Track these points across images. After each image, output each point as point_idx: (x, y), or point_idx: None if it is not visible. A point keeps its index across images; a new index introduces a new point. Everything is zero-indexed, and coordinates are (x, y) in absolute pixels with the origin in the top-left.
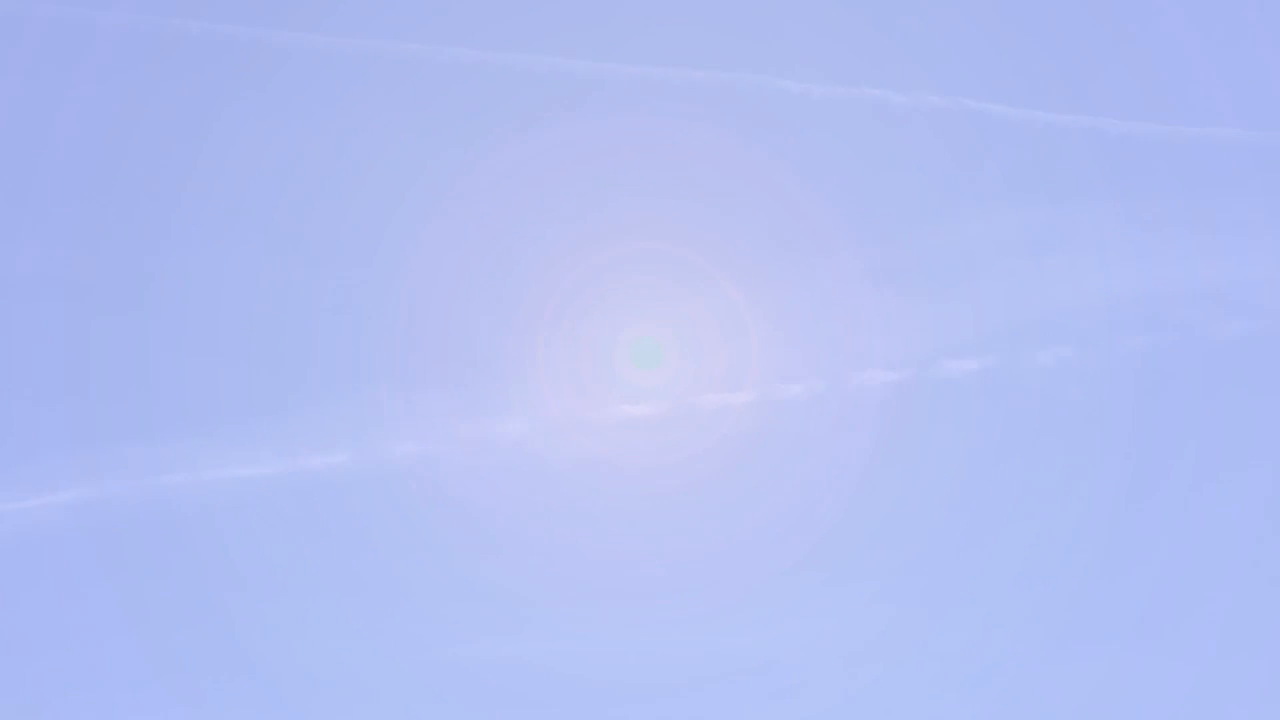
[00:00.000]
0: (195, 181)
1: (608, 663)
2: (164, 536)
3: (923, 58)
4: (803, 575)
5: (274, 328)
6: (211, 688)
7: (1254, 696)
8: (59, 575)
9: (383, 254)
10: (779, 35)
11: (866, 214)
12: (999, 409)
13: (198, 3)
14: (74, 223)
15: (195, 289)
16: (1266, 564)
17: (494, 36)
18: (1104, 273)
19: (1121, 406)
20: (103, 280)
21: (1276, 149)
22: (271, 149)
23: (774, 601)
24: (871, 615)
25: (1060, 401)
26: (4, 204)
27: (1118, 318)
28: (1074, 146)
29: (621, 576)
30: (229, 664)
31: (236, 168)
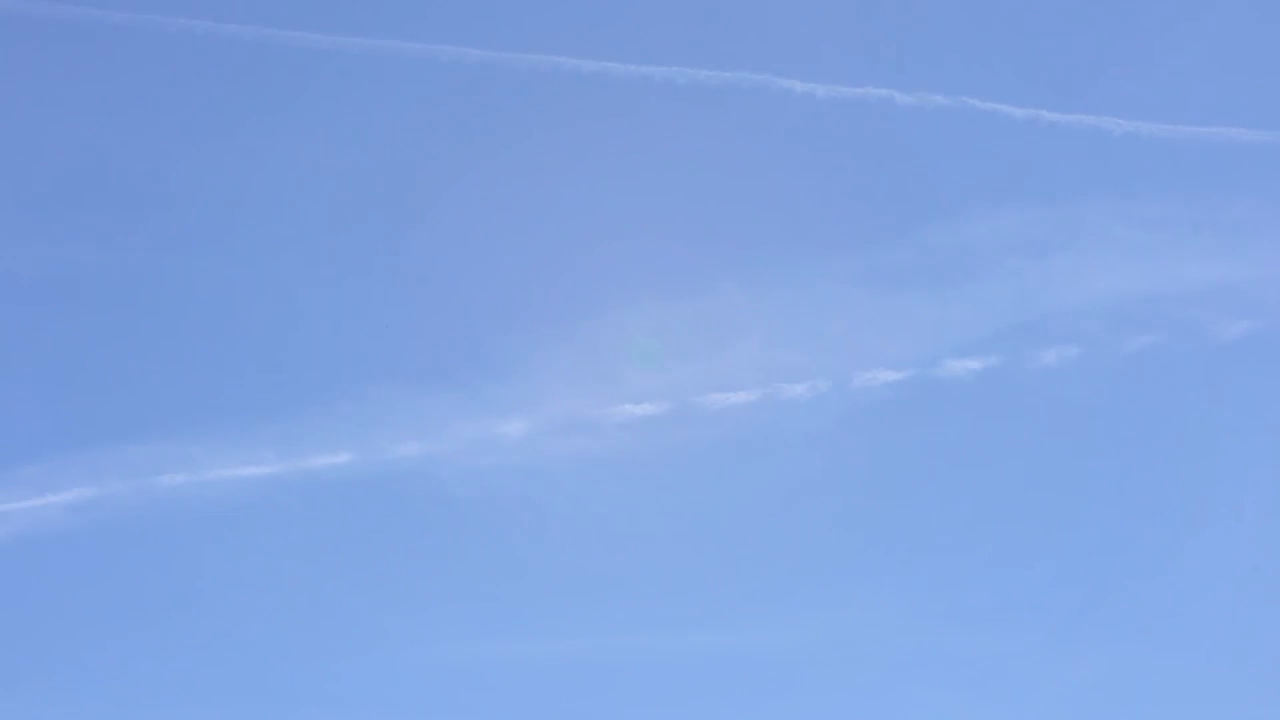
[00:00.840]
0: (196, 181)
1: (608, 663)
2: (164, 536)
3: (927, 58)
4: (803, 575)
5: (275, 328)
6: (212, 687)
7: (1254, 695)
8: (60, 575)
9: (384, 254)
10: (783, 36)
11: (869, 214)
12: (1002, 408)
13: (199, 2)
14: (74, 223)
15: (196, 289)
16: (1268, 562)
17: (494, 36)
18: (1106, 272)
19: (1124, 406)
20: (103, 280)
21: (1276, 149)
22: (273, 149)
23: (774, 601)
24: (872, 614)
25: (1063, 401)
26: (4, 204)
27: (1120, 317)
28: (1077, 146)
29: (622, 576)
30: (229, 663)
31: (238, 168)
